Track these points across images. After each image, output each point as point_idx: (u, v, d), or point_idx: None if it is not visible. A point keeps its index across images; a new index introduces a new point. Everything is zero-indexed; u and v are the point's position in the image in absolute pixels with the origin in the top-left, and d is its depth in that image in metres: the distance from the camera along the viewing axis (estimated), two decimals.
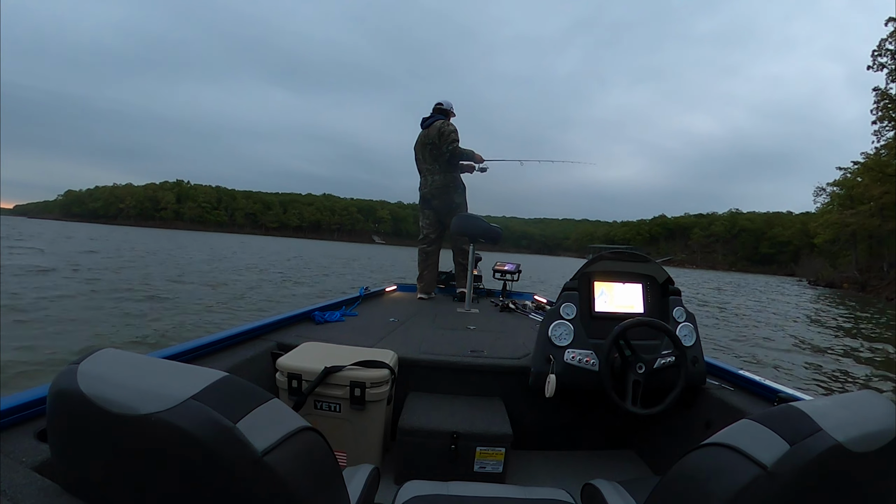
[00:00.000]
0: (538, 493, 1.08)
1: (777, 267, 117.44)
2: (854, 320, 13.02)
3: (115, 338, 5.02)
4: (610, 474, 1.19)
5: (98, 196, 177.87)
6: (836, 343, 8.35)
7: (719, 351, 6.70)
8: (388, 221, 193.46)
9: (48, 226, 59.69)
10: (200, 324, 6.06)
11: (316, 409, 1.57)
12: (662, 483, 0.69)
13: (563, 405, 1.91)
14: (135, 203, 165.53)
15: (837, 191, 44.04)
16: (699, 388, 1.74)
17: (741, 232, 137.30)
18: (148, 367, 0.56)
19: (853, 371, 6.03)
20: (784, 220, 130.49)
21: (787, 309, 15.28)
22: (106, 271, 11.26)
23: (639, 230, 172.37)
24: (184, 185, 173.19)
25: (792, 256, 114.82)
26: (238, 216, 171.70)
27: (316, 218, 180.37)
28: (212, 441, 0.48)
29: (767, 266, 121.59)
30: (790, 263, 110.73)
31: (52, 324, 5.29)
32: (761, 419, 0.62)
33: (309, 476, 0.56)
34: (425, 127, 3.89)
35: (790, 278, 68.95)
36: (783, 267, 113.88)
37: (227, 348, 1.71)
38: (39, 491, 0.64)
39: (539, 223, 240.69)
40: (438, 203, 3.89)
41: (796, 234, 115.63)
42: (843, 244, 42.24)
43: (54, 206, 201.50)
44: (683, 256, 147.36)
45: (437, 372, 1.87)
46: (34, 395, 0.94)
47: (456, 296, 3.96)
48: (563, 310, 1.72)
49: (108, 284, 8.92)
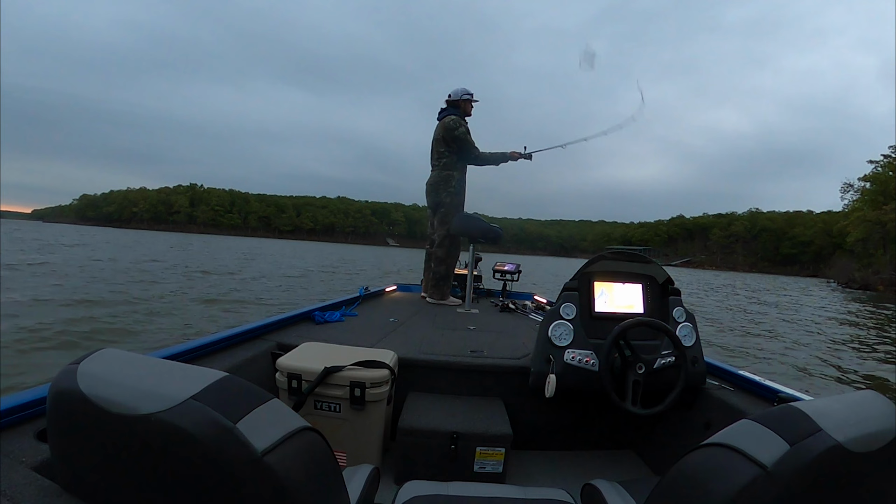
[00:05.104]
0: (538, 493, 1.08)
1: (799, 268, 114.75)
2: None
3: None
4: (610, 474, 1.19)
5: (112, 200, 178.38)
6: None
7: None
8: (403, 224, 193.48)
9: (72, 230, 61.02)
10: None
11: (316, 409, 1.57)
12: (662, 483, 0.69)
13: (563, 405, 1.90)
14: (148, 207, 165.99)
15: (867, 186, 42.09)
16: (699, 389, 1.74)
17: (762, 232, 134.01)
18: (148, 367, 0.56)
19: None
20: (805, 219, 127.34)
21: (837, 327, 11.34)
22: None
23: (657, 231, 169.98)
24: (197, 189, 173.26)
25: (814, 257, 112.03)
26: (251, 219, 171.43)
27: (330, 221, 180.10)
28: (212, 441, 0.48)
29: (789, 267, 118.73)
30: (812, 264, 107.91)
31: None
32: (761, 419, 0.62)
33: (309, 476, 0.56)
34: (439, 119, 3.80)
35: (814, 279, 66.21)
36: (805, 268, 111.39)
37: (227, 348, 1.72)
38: (39, 491, 0.64)
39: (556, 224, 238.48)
40: (430, 201, 3.81)
41: (818, 233, 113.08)
42: (875, 243, 40.15)
43: (69, 211, 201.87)
44: (703, 257, 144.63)
45: (436, 372, 1.88)
46: (34, 395, 0.94)
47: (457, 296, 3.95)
48: (563, 310, 1.72)
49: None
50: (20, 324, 5.09)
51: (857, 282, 37.87)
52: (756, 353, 6.89)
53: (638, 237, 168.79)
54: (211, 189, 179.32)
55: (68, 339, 4.81)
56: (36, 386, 0.99)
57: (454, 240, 3.73)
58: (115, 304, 6.98)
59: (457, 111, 3.76)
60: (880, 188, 39.35)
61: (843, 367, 6.39)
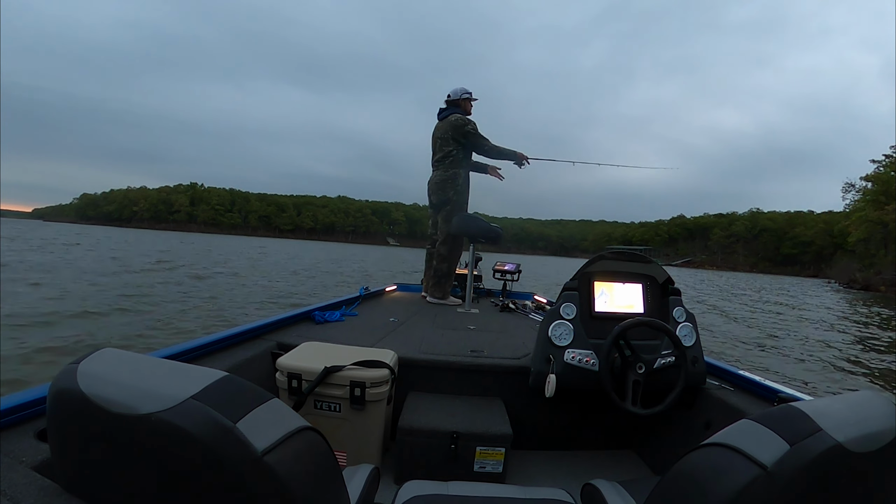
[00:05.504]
0: (538, 493, 1.07)
1: (800, 268, 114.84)
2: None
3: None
4: (610, 474, 1.19)
5: (112, 199, 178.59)
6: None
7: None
8: (404, 223, 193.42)
9: (77, 230, 60.93)
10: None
11: (316, 409, 1.57)
12: (662, 483, 0.69)
13: (563, 405, 1.90)
14: (148, 206, 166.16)
15: (869, 186, 41.68)
16: (699, 389, 1.74)
17: (762, 232, 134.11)
18: (148, 367, 0.56)
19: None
20: (806, 219, 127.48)
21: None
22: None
23: (657, 231, 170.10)
24: (197, 188, 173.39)
25: (815, 257, 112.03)
26: (252, 218, 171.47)
27: (330, 220, 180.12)
28: (212, 441, 0.48)
29: (790, 267, 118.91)
30: (813, 264, 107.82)
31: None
32: (761, 419, 0.62)
33: (309, 476, 0.56)
34: (440, 119, 3.81)
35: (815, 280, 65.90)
36: (806, 268, 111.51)
37: (227, 348, 1.72)
38: (39, 491, 0.64)
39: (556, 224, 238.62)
40: (434, 200, 3.80)
41: (819, 233, 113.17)
42: (877, 243, 39.96)
43: (69, 210, 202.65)
44: (703, 257, 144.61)
45: (437, 372, 1.88)
46: (34, 394, 0.94)
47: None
48: (563, 310, 1.72)
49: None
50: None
51: (859, 282, 37.60)
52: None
53: (639, 237, 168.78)
54: (211, 188, 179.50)
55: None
56: (36, 386, 0.99)
57: (457, 238, 3.73)
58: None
59: (457, 110, 3.76)
60: (882, 188, 38.92)
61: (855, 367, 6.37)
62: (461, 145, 3.68)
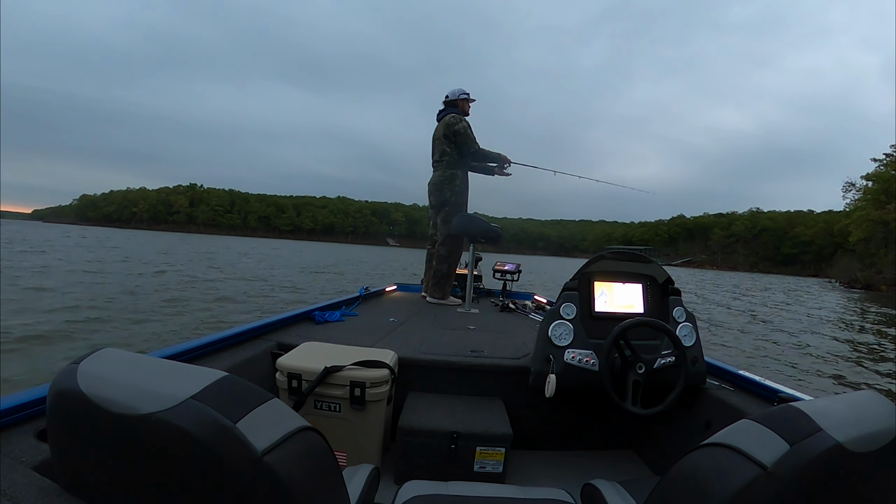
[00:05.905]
0: (538, 493, 1.07)
1: (800, 268, 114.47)
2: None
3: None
4: (610, 474, 1.19)
5: (112, 200, 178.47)
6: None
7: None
8: (403, 224, 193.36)
9: (84, 232, 60.53)
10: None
11: (316, 409, 1.57)
12: (662, 483, 0.69)
13: (563, 405, 1.90)
14: (148, 207, 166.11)
15: (870, 185, 41.28)
16: (699, 389, 1.74)
17: (762, 231, 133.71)
18: (148, 367, 0.56)
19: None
20: (806, 219, 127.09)
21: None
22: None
23: (657, 231, 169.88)
24: (197, 189, 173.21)
25: (815, 257, 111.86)
26: (251, 219, 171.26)
27: (330, 221, 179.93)
28: (212, 441, 0.48)
29: (790, 267, 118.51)
30: (814, 264, 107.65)
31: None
32: (761, 419, 0.62)
33: (309, 476, 0.56)
34: (438, 120, 3.84)
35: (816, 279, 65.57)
36: (806, 267, 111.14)
37: (227, 348, 1.72)
38: (39, 491, 0.64)
39: (556, 225, 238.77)
40: (433, 200, 3.81)
41: (819, 233, 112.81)
42: (878, 242, 39.43)
43: (69, 211, 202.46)
44: (703, 257, 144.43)
45: (437, 372, 1.88)
46: (34, 394, 0.94)
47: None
48: (563, 310, 1.72)
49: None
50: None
51: (860, 282, 37.38)
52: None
53: (639, 237, 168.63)
54: (211, 189, 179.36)
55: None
56: (36, 386, 0.99)
57: (457, 239, 3.74)
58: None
59: (455, 111, 3.78)
60: (883, 187, 38.61)
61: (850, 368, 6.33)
62: (455, 145, 3.70)
